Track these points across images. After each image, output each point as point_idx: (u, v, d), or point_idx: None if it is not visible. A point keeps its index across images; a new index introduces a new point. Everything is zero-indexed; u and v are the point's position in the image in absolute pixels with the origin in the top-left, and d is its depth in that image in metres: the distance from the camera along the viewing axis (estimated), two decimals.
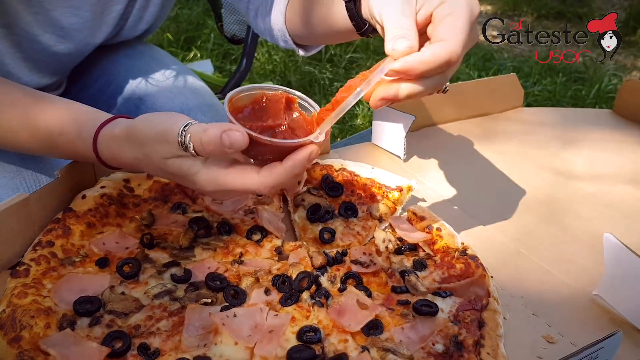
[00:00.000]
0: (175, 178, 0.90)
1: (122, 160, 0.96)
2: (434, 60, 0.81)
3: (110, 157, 0.98)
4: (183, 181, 0.90)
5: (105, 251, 0.98)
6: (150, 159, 0.89)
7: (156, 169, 0.91)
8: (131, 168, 1.04)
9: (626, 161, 1.48)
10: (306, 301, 0.91)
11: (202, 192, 0.97)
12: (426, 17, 0.87)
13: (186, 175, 0.87)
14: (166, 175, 0.93)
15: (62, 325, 0.83)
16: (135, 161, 0.93)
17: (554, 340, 0.89)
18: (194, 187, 0.89)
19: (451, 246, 1.02)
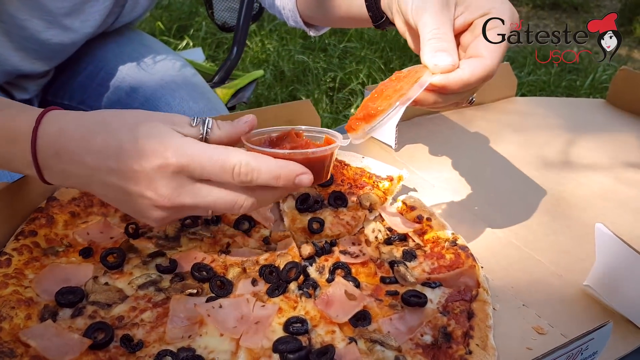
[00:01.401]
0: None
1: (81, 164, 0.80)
2: (471, 79, 0.81)
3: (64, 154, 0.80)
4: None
5: (89, 241, 0.96)
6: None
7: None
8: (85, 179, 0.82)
9: (619, 151, 1.47)
10: (294, 292, 0.89)
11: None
12: (465, 24, 0.86)
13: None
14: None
15: (43, 317, 0.81)
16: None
17: (544, 331, 0.89)
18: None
19: (441, 236, 1.01)
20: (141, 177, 0.76)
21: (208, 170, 0.76)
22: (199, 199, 0.78)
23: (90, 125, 0.80)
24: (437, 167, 1.32)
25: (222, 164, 0.76)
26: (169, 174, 0.76)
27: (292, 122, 1.31)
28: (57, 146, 0.79)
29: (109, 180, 0.78)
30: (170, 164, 0.75)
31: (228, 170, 0.76)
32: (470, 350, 0.80)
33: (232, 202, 0.79)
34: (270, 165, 0.77)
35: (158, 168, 0.75)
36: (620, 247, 0.88)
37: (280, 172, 0.78)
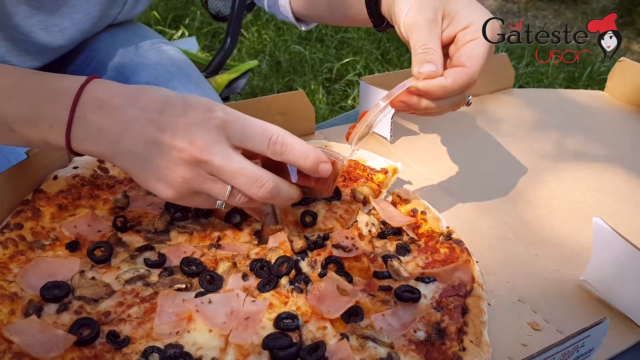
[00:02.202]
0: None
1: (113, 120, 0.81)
2: (453, 86, 0.90)
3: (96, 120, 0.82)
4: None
5: (76, 234, 0.94)
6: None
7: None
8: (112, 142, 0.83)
9: (617, 144, 1.45)
10: (285, 287, 0.88)
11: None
12: (450, 37, 0.95)
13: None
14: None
15: (27, 312, 0.79)
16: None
17: (539, 327, 0.87)
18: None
19: (436, 230, 0.99)
20: (181, 126, 0.79)
21: (249, 132, 0.80)
22: (227, 161, 0.79)
23: (138, 87, 0.84)
24: (433, 160, 1.30)
25: (263, 129, 0.81)
26: (211, 126, 0.79)
27: (286, 113, 1.29)
28: (102, 100, 0.81)
29: (143, 131, 0.80)
30: (216, 116, 0.79)
31: (267, 136, 0.81)
32: (464, 347, 0.78)
33: (255, 177, 0.81)
34: (303, 145, 0.83)
35: (202, 118, 0.79)
36: (618, 241, 0.87)
37: (310, 153, 0.83)
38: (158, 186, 0.83)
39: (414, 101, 0.92)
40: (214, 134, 0.79)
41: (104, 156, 0.86)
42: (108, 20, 1.57)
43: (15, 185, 0.98)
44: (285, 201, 0.89)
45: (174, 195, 0.83)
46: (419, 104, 0.92)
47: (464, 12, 0.94)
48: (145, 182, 0.84)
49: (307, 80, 3.63)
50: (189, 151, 0.78)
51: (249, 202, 0.85)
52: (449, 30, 0.95)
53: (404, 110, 0.95)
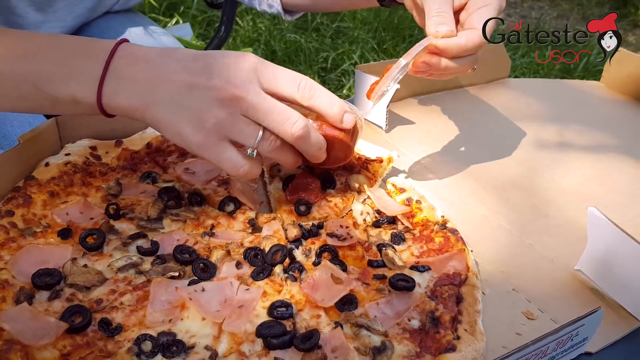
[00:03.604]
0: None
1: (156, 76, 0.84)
2: (467, 44, 0.97)
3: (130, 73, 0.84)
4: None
5: (68, 221, 0.93)
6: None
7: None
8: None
9: (613, 134, 1.45)
10: (279, 275, 0.87)
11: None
12: (461, 4, 1.02)
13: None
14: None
15: (18, 299, 0.79)
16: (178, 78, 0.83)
17: (533, 317, 0.87)
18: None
19: (431, 219, 0.99)
20: (216, 68, 0.82)
21: (279, 75, 0.85)
22: (261, 99, 0.83)
23: (172, 48, 0.89)
24: (428, 149, 1.29)
25: (292, 74, 0.86)
26: (244, 68, 0.82)
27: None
28: (137, 55, 0.85)
29: (179, 77, 0.82)
30: (249, 60, 0.83)
31: (296, 82, 0.86)
32: (458, 336, 0.78)
33: (288, 114, 0.84)
34: (329, 93, 0.88)
35: (236, 61, 0.83)
36: (613, 231, 0.87)
37: (336, 101, 0.88)
38: (188, 130, 0.83)
39: (434, 61, 0.97)
40: (248, 74, 0.82)
41: (134, 109, 0.85)
42: (104, 8, 1.55)
43: (6, 171, 0.97)
44: (314, 149, 0.90)
45: (202, 140, 0.84)
46: (439, 63, 0.98)
47: None
48: (176, 128, 0.84)
49: (303, 69, 3.61)
50: (225, 88, 0.81)
51: (279, 148, 0.88)
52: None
53: (424, 73, 1.00)
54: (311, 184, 1.03)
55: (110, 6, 1.56)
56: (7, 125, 1.22)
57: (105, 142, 1.09)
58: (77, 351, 0.73)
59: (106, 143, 1.09)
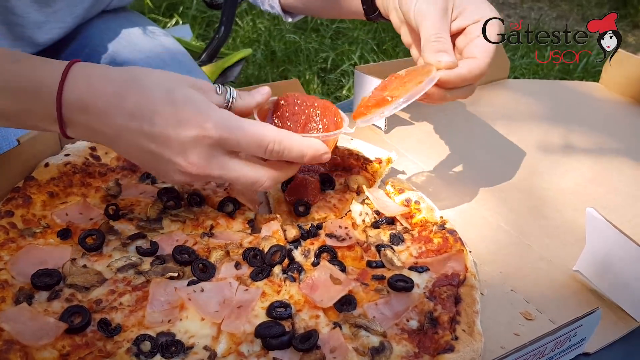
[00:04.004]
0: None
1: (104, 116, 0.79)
2: (469, 75, 0.94)
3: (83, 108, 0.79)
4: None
5: (67, 222, 0.93)
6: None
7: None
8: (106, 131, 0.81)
9: (611, 135, 1.45)
10: (278, 276, 0.87)
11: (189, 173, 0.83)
12: (459, 29, 0.99)
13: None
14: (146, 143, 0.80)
15: (18, 299, 0.79)
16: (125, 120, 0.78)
17: (532, 317, 0.87)
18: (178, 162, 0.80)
19: (429, 220, 0.99)
20: (174, 143, 0.78)
21: (244, 145, 0.80)
22: (225, 171, 0.82)
23: (121, 82, 0.79)
24: (427, 150, 1.29)
25: (258, 141, 0.81)
26: (205, 145, 0.78)
27: None
28: (86, 102, 0.78)
29: (137, 141, 0.79)
30: (210, 136, 0.78)
31: (263, 147, 0.81)
32: (457, 336, 0.78)
33: (254, 180, 0.84)
34: (300, 145, 0.84)
35: (195, 137, 0.77)
36: (611, 232, 0.87)
37: (307, 151, 0.85)
38: (162, 179, 0.89)
39: (433, 92, 0.94)
40: (208, 152, 0.79)
41: (105, 145, 0.88)
42: (101, 6, 1.55)
43: (6, 172, 0.97)
44: (284, 180, 0.92)
45: (178, 183, 0.88)
46: (439, 94, 0.95)
47: (473, 5, 0.99)
48: (152, 173, 0.89)
49: (302, 70, 3.61)
50: (186, 168, 0.80)
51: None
52: (458, 22, 0.99)
53: (420, 100, 0.95)
54: (310, 185, 1.03)
55: (107, 4, 1.55)
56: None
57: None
58: (76, 351, 0.73)
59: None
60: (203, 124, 0.77)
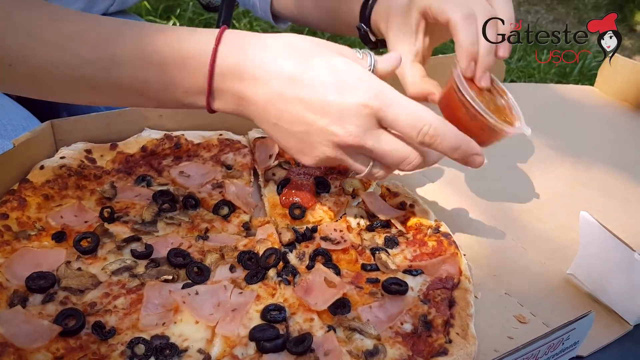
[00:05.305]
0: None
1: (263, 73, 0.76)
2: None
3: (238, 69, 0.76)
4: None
5: (62, 225, 0.93)
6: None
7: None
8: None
9: (606, 139, 1.46)
10: (272, 279, 0.87)
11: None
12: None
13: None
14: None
15: (12, 302, 0.79)
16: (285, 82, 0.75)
17: (525, 320, 0.87)
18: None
19: (424, 223, 0.99)
20: (334, 110, 0.75)
21: (400, 120, 0.77)
22: (379, 144, 0.78)
23: (277, 47, 0.77)
24: None
25: (415, 120, 0.77)
26: (364, 114, 0.76)
27: None
28: (241, 68, 0.75)
29: (292, 109, 0.76)
30: (372, 105, 0.75)
31: (418, 127, 0.77)
32: (451, 339, 0.78)
33: (404, 156, 0.80)
34: (454, 136, 0.79)
35: (357, 105, 0.75)
36: (605, 235, 0.87)
37: (461, 145, 0.80)
38: (299, 156, 0.82)
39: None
40: (367, 121, 0.76)
41: (247, 117, 0.82)
42: (99, 11, 1.55)
43: (0, 174, 0.97)
44: (428, 166, 0.87)
45: (313, 164, 0.83)
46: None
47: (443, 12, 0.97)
48: (286, 148, 0.83)
49: None
50: (341, 137, 0.77)
51: (385, 175, 0.85)
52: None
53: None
54: (305, 188, 1.04)
55: (106, 9, 1.56)
56: (0, 128, 1.22)
57: (100, 145, 1.09)
58: (70, 354, 0.73)
59: (101, 146, 1.09)
60: (366, 93, 0.75)
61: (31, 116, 1.29)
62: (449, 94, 0.95)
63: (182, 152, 1.13)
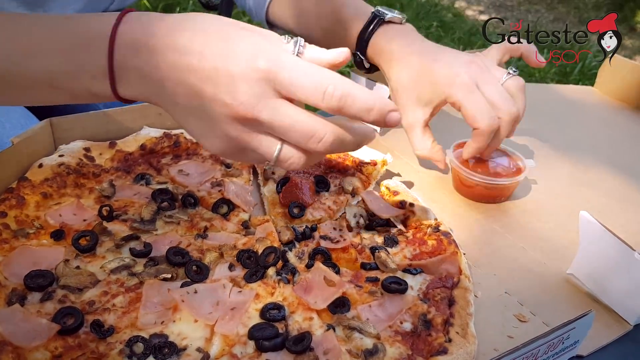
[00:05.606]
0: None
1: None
2: (480, 145, 1.11)
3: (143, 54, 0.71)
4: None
5: (61, 223, 0.93)
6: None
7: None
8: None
9: (606, 139, 1.46)
10: (272, 277, 0.87)
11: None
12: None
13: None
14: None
15: (10, 300, 0.79)
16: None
17: (525, 319, 0.87)
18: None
19: (424, 222, 0.99)
20: (222, 77, 0.68)
21: (299, 85, 0.68)
22: (277, 116, 0.69)
23: (175, 21, 0.72)
24: None
25: (316, 81, 0.68)
26: (254, 79, 0.68)
27: None
28: (138, 42, 0.71)
29: (185, 79, 0.70)
30: (259, 68, 0.68)
31: (321, 89, 0.68)
32: (450, 338, 0.78)
33: (311, 130, 0.69)
34: (366, 95, 0.70)
35: (244, 70, 0.68)
36: (605, 235, 0.87)
37: (375, 104, 0.70)
38: (203, 141, 0.75)
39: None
40: (257, 88, 0.68)
41: (154, 103, 0.76)
42: (97, 9, 1.54)
43: None
44: (352, 150, 0.78)
45: (222, 150, 0.75)
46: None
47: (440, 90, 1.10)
48: (193, 135, 0.76)
49: None
50: (232, 107, 0.68)
51: (306, 161, 0.74)
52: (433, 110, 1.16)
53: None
54: (305, 187, 1.03)
55: (105, 8, 1.55)
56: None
57: (99, 143, 1.09)
58: (68, 353, 0.73)
59: (100, 144, 1.09)
60: (254, 55, 0.68)
61: (29, 114, 1.29)
62: (458, 177, 1.15)
63: (181, 150, 1.13)
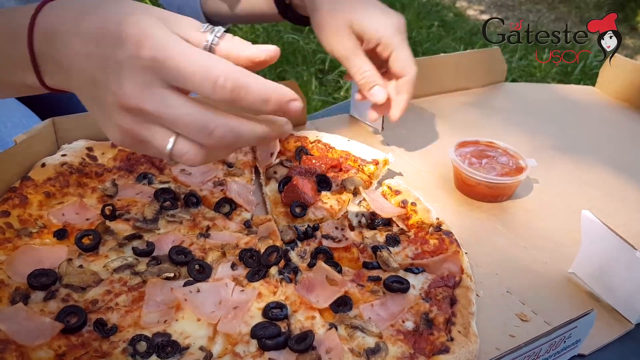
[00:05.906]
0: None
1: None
2: (410, 96, 1.14)
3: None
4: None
5: (64, 222, 0.93)
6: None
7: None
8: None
9: (607, 139, 1.46)
10: (274, 276, 0.87)
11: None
12: (368, 52, 1.12)
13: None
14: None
15: (14, 299, 0.79)
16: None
17: (527, 319, 0.87)
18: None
19: (426, 221, 0.99)
20: (111, 65, 0.64)
21: (186, 74, 0.63)
22: (163, 108, 0.64)
23: (86, 6, 0.68)
24: (424, 152, 1.30)
25: (205, 71, 0.62)
26: (138, 67, 0.63)
27: None
28: (51, 30, 0.68)
29: (84, 67, 0.66)
30: (142, 56, 0.63)
31: (210, 80, 0.62)
32: (452, 337, 0.78)
33: (203, 123, 0.64)
34: (261, 85, 0.64)
35: (128, 57, 0.63)
36: (606, 234, 0.87)
37: (272, 94, 0.65)
38: (105, 131, 0.70)
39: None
40: (142, 77, 0.64)
41: (73, 92, 0.72)
42: None
43: (2, 172, 0.97)
44: (253, 144, 0.74)
45: (121, 141, 0.70)
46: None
47: (369, 30, 1.10)
48: (97, 123, 0.71)
49: (300, 71, 3.62)
50: (118, 96, 0.64)
51: (204, 157, 0.68)
52: (365, 47, 1.12)
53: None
54: (307, 186, 1.04)
55: None
56: (1, 126, 1.21)
57: (101, 142, 1.09)
58: (72, 351, 0.73)
59: (103, 144, 1.09)
60: (139, 42, 0.63)
61: (31, 113, 1.29)
62: (460, 176, 1.15)
63: None
